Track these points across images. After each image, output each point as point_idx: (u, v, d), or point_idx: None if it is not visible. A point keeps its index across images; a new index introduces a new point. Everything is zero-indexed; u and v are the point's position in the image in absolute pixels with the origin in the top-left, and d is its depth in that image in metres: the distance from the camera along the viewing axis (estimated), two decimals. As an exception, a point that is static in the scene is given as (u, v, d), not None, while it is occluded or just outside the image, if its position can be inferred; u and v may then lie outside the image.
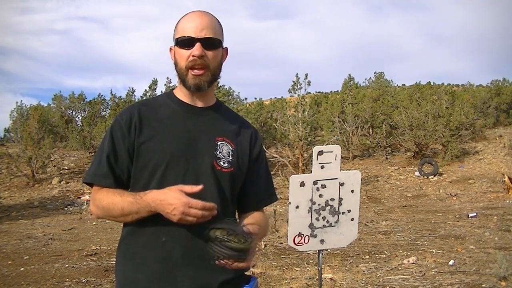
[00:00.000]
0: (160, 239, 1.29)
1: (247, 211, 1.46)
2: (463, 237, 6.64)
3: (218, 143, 1.37)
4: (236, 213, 1.48)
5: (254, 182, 1.46)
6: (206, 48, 1.31)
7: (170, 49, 1.40)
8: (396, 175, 14.96)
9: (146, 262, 1.29)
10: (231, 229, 1.16)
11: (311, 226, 2.68)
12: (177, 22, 1.38)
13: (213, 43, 1.33)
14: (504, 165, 14.35)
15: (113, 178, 1.32)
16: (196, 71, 1.32)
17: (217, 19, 1.38)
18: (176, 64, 1.36)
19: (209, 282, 1.31)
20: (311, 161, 2.70)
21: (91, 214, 9.57)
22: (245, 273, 1.44)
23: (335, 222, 2.71)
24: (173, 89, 1.46)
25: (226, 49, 1.41)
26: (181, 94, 1.40)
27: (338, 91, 27.84)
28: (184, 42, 1.32)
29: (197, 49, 1.30)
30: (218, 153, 1.35)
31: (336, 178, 2.68)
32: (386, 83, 24.61)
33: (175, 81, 1.43)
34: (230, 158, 1.37)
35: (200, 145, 1.34)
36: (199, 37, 1.30)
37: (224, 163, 1.35)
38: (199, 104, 1.40)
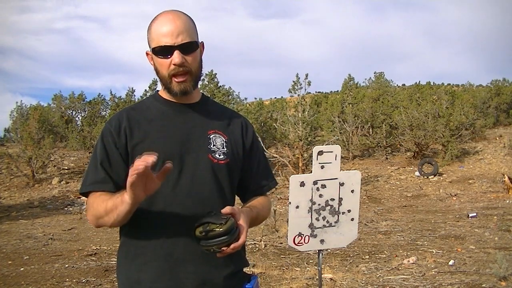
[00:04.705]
0: (160, 238, 1.29)
1: (249, 199, 1.48)
2: (463, 237, 6.63)
3: (211, 136, 1.37)
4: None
5: (252, 170, 1.47)
6: (185, 54, 1.29)
7: (147, 53, 1.37)
8: (396, 175, 14.96)
9: (148, 262, 1.29)
10: (207, 221, 1.18)
11: (311, 226, 2.68)
12: (150, 27, 1.33)
13: (191, 47, 1.31)
14: (504, 165, 14.35)
15: (112, 182, 1.31)
16: (179, 78, 1.31)
17: (188, 17, 1.34)
18: (157, 71, 1.34)
19: (212, 277, 1.31)
20: (311, 161, 2.70)
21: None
22: (246, 272, 1.45)
23: (335, 222, 2.71)
24: (158, 91, 1.46)
25: (202, 43, 1.39)
26: (167, 95, 1.40)
27: (338, 91, 27.86)
28: (162, 51, 1.29)
29: (177, 57, 1.28)
30: (212, 146, 1.36)
31: (336, 178, 2.67)
32: (386, 83, 24.61)
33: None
34: (225, 149, 1.37)
35: (193, 141, 1.35)
36: (176, 44, 1.28)
37: (219, 155, 1.35)
38: (186, 101, 1.40)
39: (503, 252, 4.94)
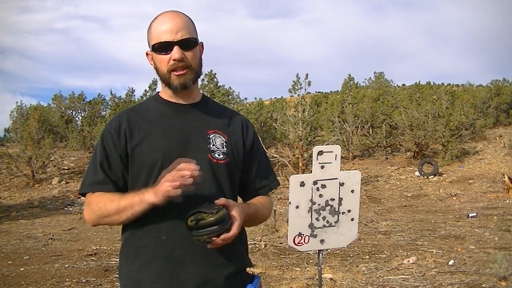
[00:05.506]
0: (161, 238, 1.29)
1: (250, 199, 1.48)
2: (463, 237, 6.63)
3: (211, 136, 1.38)
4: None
5: (253, 171, 1.47)
6: (185, 50, 1.32)
7: (147, 54, 1.39)
8: (396, 175, 14.95)
9: (149, 262, 1.30)
10: (198, 210, 1.19)
11: (311, 226, 2.68)
12: (150, 26, 1.36)
13: (190, 44, 1.33)
14: (504, 165, 14.35)
15: (111, 183, 1.32)
16: (179, 71, 1.33)
17: (188, 17, 1.37)
18: (157, 69, 1.36)
19: (213, 277, 1.31)
20: (311, 161, 2.70)
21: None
22: (249, 272, 1.45)
23: (335, 222, 2.71)
24: (158, 92, 1.47)
25: (202, 43, 1.41)
26: (167, 95, 1.41)
27: (338, 91, 27.87)
28: (162, 48, 1.32)
29: (176, 52, 1.30)
30: (211, 146, 1.36)
31: (336, 178, 2.67)
32: (386, 83, 24.60)
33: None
34: (225, 149, 1.38)
35: (192, 141, 1.35)
36: (175, 40, 1.30)
37: (219, 155, 1.36)
38: (186, 101, 1.41)
39: (503, 252, 4.94)
